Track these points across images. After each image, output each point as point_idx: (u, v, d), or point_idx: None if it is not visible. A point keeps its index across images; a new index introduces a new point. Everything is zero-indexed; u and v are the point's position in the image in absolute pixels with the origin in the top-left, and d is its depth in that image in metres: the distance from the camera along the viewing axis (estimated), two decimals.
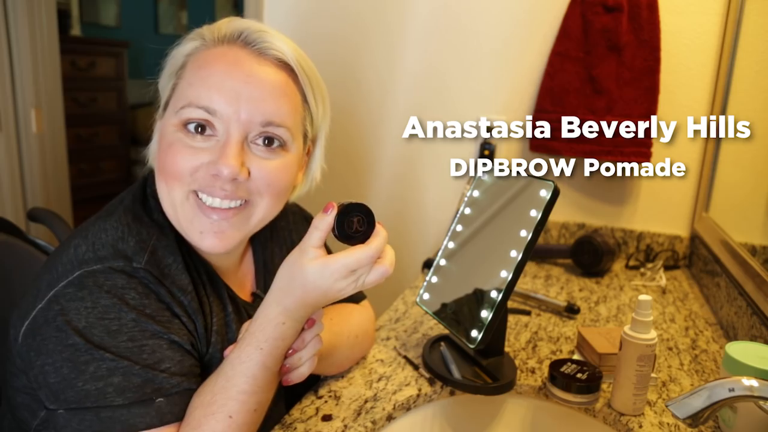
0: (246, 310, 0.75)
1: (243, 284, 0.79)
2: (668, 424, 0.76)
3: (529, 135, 1.54)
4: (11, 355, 0.66)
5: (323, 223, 0.60)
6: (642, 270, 1.43)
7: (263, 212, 0.68)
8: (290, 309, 0.62)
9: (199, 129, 0.63)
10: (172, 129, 0.64)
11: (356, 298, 0.93)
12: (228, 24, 0.67)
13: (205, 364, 0.68)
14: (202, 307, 0.67)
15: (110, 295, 0.58)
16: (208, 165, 0.63)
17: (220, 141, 0.63)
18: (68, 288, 0.59)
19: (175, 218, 0.66)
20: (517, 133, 1.59)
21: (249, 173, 0.64)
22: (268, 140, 0.65)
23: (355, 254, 0.60)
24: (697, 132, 1.45)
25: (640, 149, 1.42)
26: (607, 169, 1.53)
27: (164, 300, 0.62)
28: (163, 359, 0.60)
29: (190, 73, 0.65)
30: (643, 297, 0.75)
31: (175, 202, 0.65)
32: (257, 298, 0.78)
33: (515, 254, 0.77)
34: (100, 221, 0.65)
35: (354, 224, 0.61)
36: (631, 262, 1.50)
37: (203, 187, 0.64)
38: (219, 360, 0.68)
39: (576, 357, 0.95)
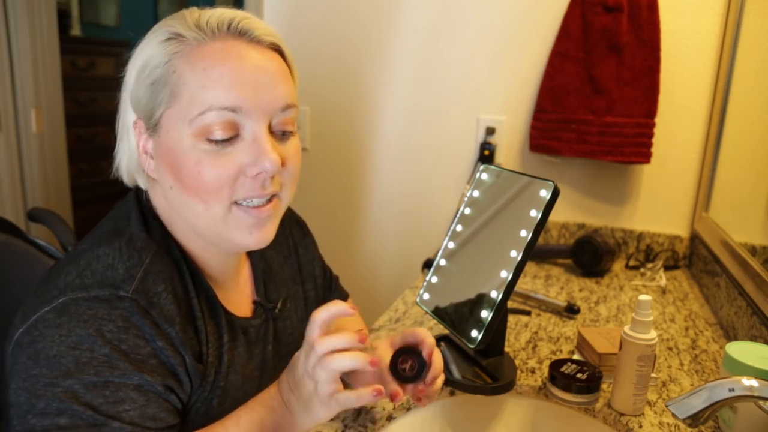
0: (245, 331, 0.73)
1: (243, 293, 0.77)
2: (668, 424, 0.76)
3: (528, 135, 1.55)
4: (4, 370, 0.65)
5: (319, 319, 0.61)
6: (642, 270, 1.43)
7: (288, 199, 0.70)
8: (280, 379, 0.65)
9: (220, 135, 0.61)
10: (187, 142, 0.61)
11: (343, 298, 0.96)
12: (208, 16, 0.63)
13: (195, 398, 0.65)
14: (197, 336, 0.65)
15: (87, 325, 0.56)
16: (248, 167, 0.62)
17: (247, 139, 0.62)
18: (50, 314, 0.57)
19: (212, 232, 0.64)
20: (516, 133, 1.59)
21: (284, 164, 0.65)
22: (283, 132, 0.66)
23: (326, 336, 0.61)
24: (697, 132, 1.46)
25: (640, 149, 1.42)
26: (607, 169, 1.53)
27: (146, 335, 0.59)
28: (124, 400, 0.57)
29: (195, 76, 0.60)
30: (643, 297, 0.75)
31: (215, 217, 0.63)
32: (258, 306, 0.77)
33: (515, 254, 0.77)
34: (94, 248, 0.63)
35: (406, 368, 0.66)
36: (631, 262, 1.50)
37: (246, 196, 0.63)
38: (208, 392, 0.66)
39: (576, 357, 0.95)
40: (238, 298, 0.75)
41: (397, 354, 0.67)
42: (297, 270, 0.87)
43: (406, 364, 0.66)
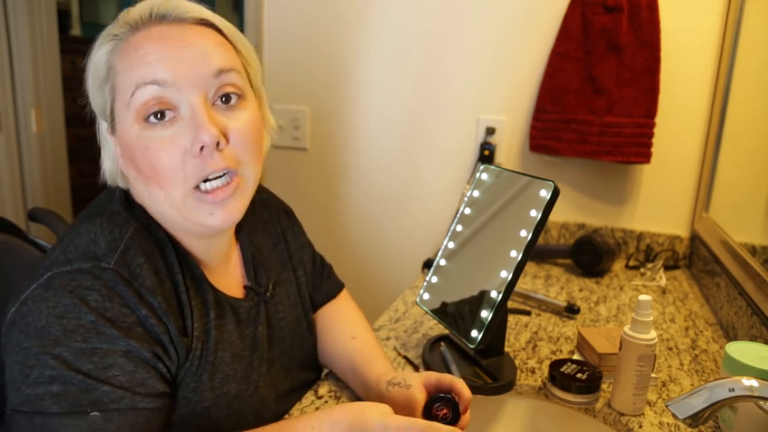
0: (234, 310, 0.74)
1: (234, 277, 0.78)
2: (668, 424, 0.76)
3: (528, 135, 1.55)
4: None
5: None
6: (642, 270, 1.43)
7: (253, 175, 0.69)
8: (333, 424, 0.62)
9: (159, 115, 0.62)
10: (135, 131, 0.63)
11: (339, 287, 0.97)
12: (131, 11, 0.66)
13: (184, 372, 0.66)
14: (181, 310, 0.66)
15: (72, 295, 0.58)
16: (191, 145, 0.62)
17: (185, 117, 0.63)
18: (37, 290, 0.59)
19: (177, 215, 0.65)
20: (516, 133, 1.59)
21: (227, 138, 0.64)
22: (226, 97, 0.65)
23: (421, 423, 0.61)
24: (697, 132, 1.46)
25: (640, 149, 1.42)
26: (607, 169, 1.53)
27: (130, 303, 0.61)
28: (113, 366, 0.58)
29: (123, 63, 0.63)
30: (643, 297, 0.75)
31: (176, 202, 0.64)
32: (250, 290, 0.78)
33: (515, 254, 0.77)
34: (76, 225, 0.65)
35: (440, 415, 0.67)
36: (631, 262, 1.50)
37: (199, 176, 0.63)
38: (197, 367, 0.67)
39: (576, 357, 0.95)
40: (228, 281, 0.76)
41: (432, 401, 0.68)
42: (287, 257, 0.88)
43: (440, 412, 0.67)
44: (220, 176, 0.64)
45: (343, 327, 0.90)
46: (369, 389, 0.77)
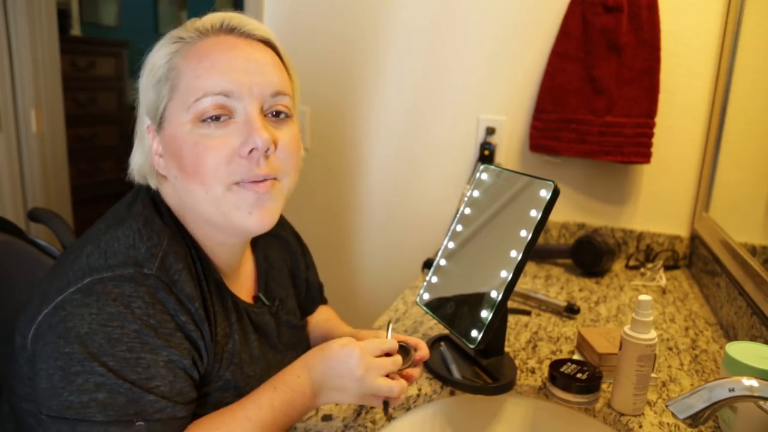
0: (248, 314, 0.76)
1: (244, 287, 0.80)
2: (668, 424, 0.76)
3: (528, 135, 1.55)
4: (17, 363, 0.66)
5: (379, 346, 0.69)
6: (642, 270, 1.43)
7: (290, 185, 0.71)
8: (310, 366, 0.68)
9: (215, 117, 0.64)
10: (186, 128, 0.64)
11: (324, 300, 1.03)
12: (203, 19, 0.69)
13: (212, 376, 0.68)
14: (207, 316, 0.67)
15: (117, 302, 0.58)
16: (240, 146, 0.64)
17: (239, 121, 0.65)
18: (76, 294, 0.59)
19: (216, 213, 0.66)
20: (516, 133, 1.59)
21: (275, 145, 0.67)
22: (277, 113, 0.68)
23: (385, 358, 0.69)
24: (697, 132, 1.46)
25: (640, 149, 1.42)
26: (607, 169, 1.53)
27: (170, 310, 0.62)
28: (156, 377, 0.59)
29: (190, 67, 0.65)
30: (643, 297, 0.75)
31: (217, 198, 0.65)
32: (258, 300, 0.80)
33: (515, 254, 0.77)
34: (112, 230, 0.65)
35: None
36: (631, 262, 1.50)
37: (242, 175, 0.65)
38: (225, 369, 0.69)
39: (576, 357, 0.95)
40: (239, 289, 0.78)
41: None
42: (293, 275, 0.92)
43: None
44: (261, 181, 0.66)
45: (317, 315, 0.98)
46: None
